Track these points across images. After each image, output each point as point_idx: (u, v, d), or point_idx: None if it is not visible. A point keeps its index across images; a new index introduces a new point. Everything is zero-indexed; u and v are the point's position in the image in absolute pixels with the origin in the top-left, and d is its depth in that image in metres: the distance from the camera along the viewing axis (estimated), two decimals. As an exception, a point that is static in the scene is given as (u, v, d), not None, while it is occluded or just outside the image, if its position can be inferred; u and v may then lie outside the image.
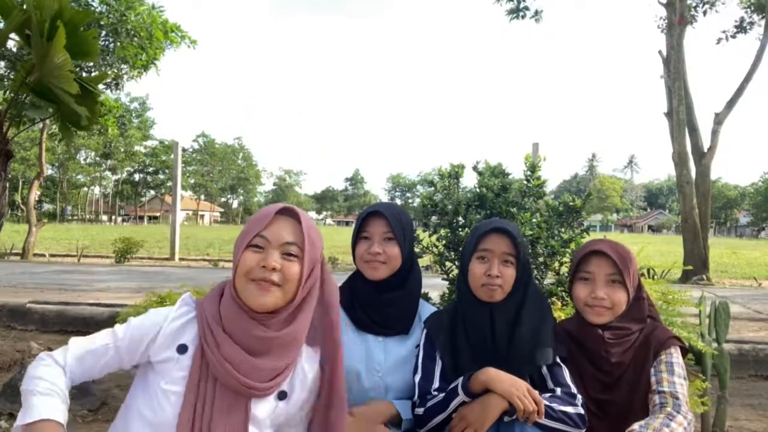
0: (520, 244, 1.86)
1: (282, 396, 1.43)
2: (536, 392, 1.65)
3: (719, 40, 14.94)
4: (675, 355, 1.81)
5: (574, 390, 1.77)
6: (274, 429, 1.47)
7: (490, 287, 1.83)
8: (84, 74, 4.09)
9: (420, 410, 1.80)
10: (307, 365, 1.48)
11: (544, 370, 1.82)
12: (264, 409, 1.40)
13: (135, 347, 1.38)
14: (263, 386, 1.36)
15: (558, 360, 1.84)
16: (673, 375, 1.75)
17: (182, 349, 1.36)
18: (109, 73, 11.54)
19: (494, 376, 1.67)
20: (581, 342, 1.87)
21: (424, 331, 1.93)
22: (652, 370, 1.79)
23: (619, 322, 1.85)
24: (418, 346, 1.96)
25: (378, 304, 1.95)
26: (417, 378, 1.87)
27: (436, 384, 1.85)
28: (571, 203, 2.91)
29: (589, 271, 1.87)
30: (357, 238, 1.98)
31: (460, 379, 1.75)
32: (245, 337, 1.36)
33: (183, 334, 1.38)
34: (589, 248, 1.90)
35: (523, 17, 13.97)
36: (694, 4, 14.37)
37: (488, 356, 1.82)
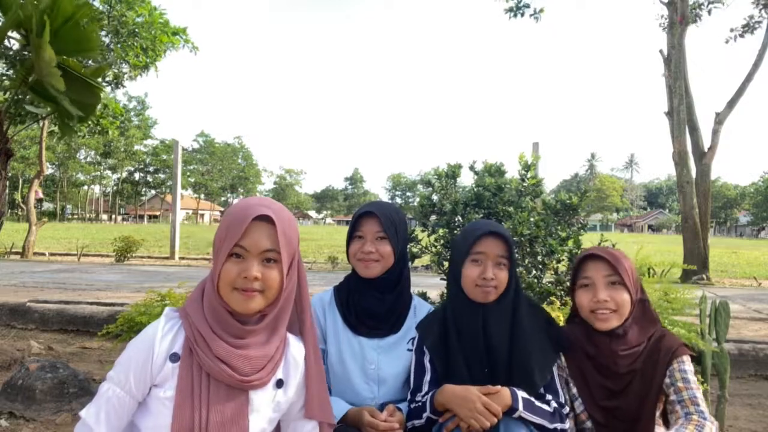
0: (512, 247, 1.87)
1: (280, 384, 1.49)
2: (493, 405, 1.65)
3: (728, 40, 14.88)
4: (687, 362, 1.81)
5: (563, 399, 1.79)
6: (277, 421, 1.51)
7: (484, 288, 1.83)
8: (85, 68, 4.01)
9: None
10: (295, 352, 1.55)
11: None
12: (263, 399, 1.45)
13: (143, 379, 1.39)
14: (256, 376, 1.40)
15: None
16: (689, 383, 1.76)
17: (175, 357, 1.39)
18: (110, 72, 11.51)
19: (449, 397, 1.71)
20: (588, 351, 1.87)
21: (417, 336, 1.94)
22: (667, 380, 1.78)
23: (629, 328, 1.84)
24: (410, 341, 1.98)
25: (372, 305, 1.99)
26: (410, 387, 1.89)
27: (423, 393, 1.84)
28: (567, 201, 2.88)
29: (587, 276, 1.88)
30: (351, 237, 2.03)
31: (429, 396, 1.78)
32: (232, 334, 1.41)
33: (174, 345, 1.41)
34: (583, 254, 1.94)
35: (522, 15, 13.96)
36: (699, 3, 14.32)
37: (481, 362, 1.82)
